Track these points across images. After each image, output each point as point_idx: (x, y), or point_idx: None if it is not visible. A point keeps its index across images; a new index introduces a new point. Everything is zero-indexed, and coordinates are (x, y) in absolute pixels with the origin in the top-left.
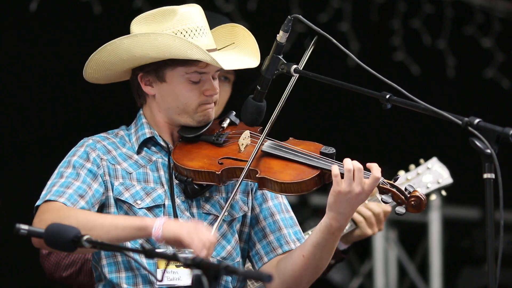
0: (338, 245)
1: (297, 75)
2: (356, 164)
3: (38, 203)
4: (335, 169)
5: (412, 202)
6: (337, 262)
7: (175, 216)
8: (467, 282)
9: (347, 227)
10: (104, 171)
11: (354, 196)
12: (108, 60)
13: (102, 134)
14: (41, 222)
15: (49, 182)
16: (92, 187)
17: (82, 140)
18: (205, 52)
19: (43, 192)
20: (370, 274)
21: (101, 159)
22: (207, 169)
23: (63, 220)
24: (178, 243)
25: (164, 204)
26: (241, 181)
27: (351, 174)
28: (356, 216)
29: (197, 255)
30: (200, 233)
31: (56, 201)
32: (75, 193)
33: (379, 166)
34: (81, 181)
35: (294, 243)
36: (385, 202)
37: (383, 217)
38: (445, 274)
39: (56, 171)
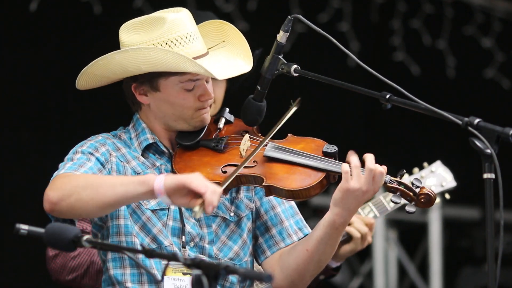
0: (330, 263)
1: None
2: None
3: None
4: (345, 166)
5: (422, 200)
6: (326, 278)
7: (182, 220)
8: (467, 282)
9: None
10: (112, 167)
11: (362, 193)
12: (100, 73)
13: (107, 134)
14: (51, 188)
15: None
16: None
17: (90, 137)
18: (197, 64)
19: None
20: (370, 274)
21: (110, 154)
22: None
23: (73, 180)
24: (181, 189)
25: (169, 208)
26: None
27: (359, 170)
28: (353, 231)
29: (202, 194)
30: (203, 178)
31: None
32: (89, 171)
33: None
34: (93, 163)
35: (296, 234)
36: (395, 203)
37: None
38: (445, 274)
39: (64, 160)
